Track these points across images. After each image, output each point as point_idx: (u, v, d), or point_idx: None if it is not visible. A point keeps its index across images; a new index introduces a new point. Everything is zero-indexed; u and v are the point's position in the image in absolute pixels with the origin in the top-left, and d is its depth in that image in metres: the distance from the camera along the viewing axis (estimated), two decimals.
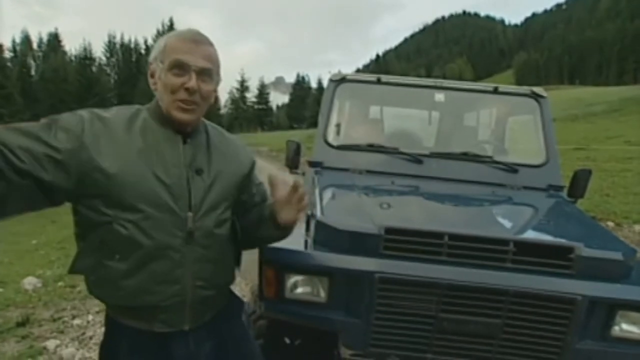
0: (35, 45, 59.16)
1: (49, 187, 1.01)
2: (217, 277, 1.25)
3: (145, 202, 1.08)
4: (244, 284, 3.77)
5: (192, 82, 1.11)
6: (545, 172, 2.51)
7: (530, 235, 1.80)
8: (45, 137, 1.00)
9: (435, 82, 2.88)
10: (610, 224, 6.08)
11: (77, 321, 3.34)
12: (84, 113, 1.11)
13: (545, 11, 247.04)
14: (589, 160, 11.28)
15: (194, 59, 1.12)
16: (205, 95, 1.16)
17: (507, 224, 1.91)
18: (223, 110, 70.68)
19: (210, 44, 1.17)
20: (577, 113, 23.60)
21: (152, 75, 1.18)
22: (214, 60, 1.18)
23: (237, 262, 1.39)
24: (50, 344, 2.97)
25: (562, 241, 1.62)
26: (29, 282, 4.02)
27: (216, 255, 1.23)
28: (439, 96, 2.81)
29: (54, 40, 58.97)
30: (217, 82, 1.22)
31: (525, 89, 2.81)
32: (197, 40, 1.15)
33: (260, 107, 76.72)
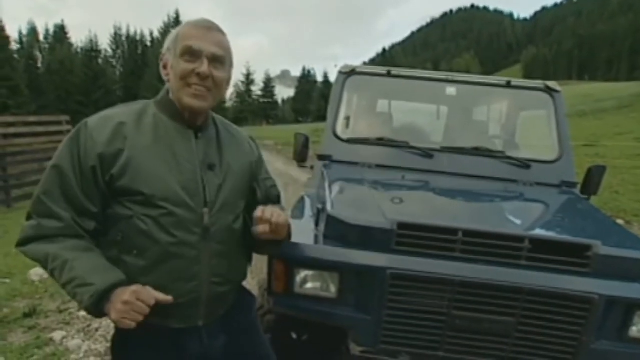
0: (41, 37, 59.29)
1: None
2: (232, 273, 1.25)
3: (165, 200, 1.08)
4: (251, 278, 3.76)
5: (204, 67, 1.10)
6: (559, 168, 2.46)
7: (546, 232, 1.76)
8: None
9: (447, 76, 2.83)
10: (620, 221, 6.00)
11: (83, 313, 3.34)
12: (90, 121, 1.10)
13: (556, 5, 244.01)
14: (598, 157, 11.13)
15: (205, 44, 1.10)
16: (218, 83, 1.14)
17: (521, 220, 1.87)
18: (228, 104, 70.62)
19: (222, 32, 1.16)
20: (585, 109, 23.29)
21: (165, 67, 1.16)
22: (226, 48, 1.16)
23: (249, 257, 1.38)
24: (57, 335, 2.98)
25: (579, 239, 1.58)
26: (36, 273, 4.03)
27: (231, 251, 1.22)
28: (451, 90, 2.76)
29: (60, 32, 58.86)
30: (230, 71, 1.20)
31: (538, 83, 2.76)
32: (209, 27, 1.13)
33: (266, 100, 76.53)
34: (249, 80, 74.57)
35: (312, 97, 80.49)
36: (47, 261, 1.05)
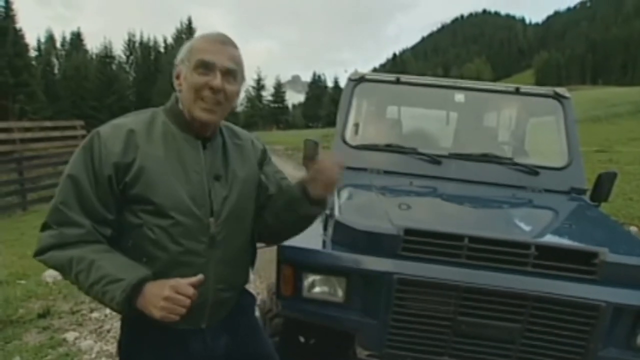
0: (58, 45, 60.60)
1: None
2: (236, 279, 1.28)
3: (174, 210, 1.11)
4: (259, 282, 3.79)
5: (217, 80, 1.12)
6: (568, 174, 2.45)
7: (552, 239, 1.76)
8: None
9: (456, 82, 2.84)
10: (634, 228, 5.89)
11: (95, 314, 3.41)
12: (102, 131, 1.12)
13: (569, 9, 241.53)
14: (612, 162, 10.96)
15: (219, 58, 1.13)
16: (229, 96, 1.16)
17: (528, 227, 1.87)
18: (239, 109, 71.06)
19: (236, 46, 1.19)
20: (599, 114, 22.92)
21: (178, 77, 1.18)
22: (239, 62, 1.18)
23: (252, 262, 1.41)
24: (70, 335, 3.04)
25: (585, 246, 1.58)
26: (50, 274, 4.12)
27: (236, 257, 1.25)
28: (459, 96, 2.77)
29: (76, 39, 60.03)
30: (241, 84, 1.22)
31: (547, 89, 2.75)
32: (223, 41, 1.16)
33: (276, 105, 76.80)
34: (259, 85, 75.00)
35: (323, 102, 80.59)
36: (71, 265, 1.05)
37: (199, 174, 1.16)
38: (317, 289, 1.62)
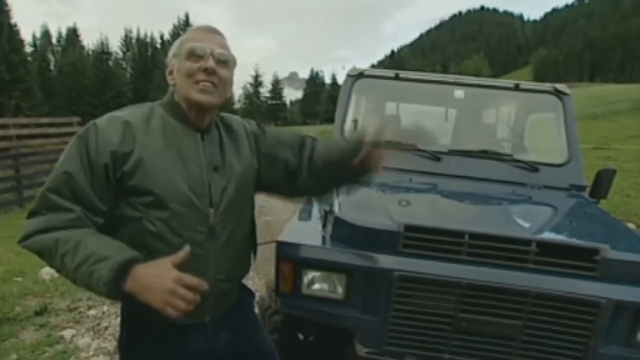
0: (54, 40, 60.23)
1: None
2: (236, 270, 1.28)
3: (174, 201, 1.10)
4: (258, 279, 3.78)
5: (210, 62, 1.14)
6: (567, 171, 2.45)
7: (553, 235, 1.75)
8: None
9: (455, 79, 2.83)
10: (632, 225, 5.91)
11: (92, 312, 3.39)
12: (99, 122, 1.12)
13: (567, 6, 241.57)
14: (610, 160, 10.99)
15: (209, 45, 1.16)
16: (223, 79, 1.18)
17: (529, 223, 1.87)
18: (237, 105, 70.85)
19: (223, 35, 1.23)
20: (597, 111, 22.96)
21: (171, 72, 1.21)
22: (228, 49, 1.21)
23: (253, 254, 1.40)
24: (67, 333, 3.03)
25: (586, 242, 1.58)
26: (47, 272, 4.10)
27: (236, 248, 1.25)
28: (459, 93, 2.75)
29: (72, 35, 59.62)
30: (232, 71, 1.24)
31: (547, 85, 2.75)
32: (211, 30, 1.21)
33: (274, 102, 76.56)
34: (257, 82, 74.77)
35: (320, 99, 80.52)
36: (57, 247, 1.00)
37: (198, 166, 1.17)
38: (316, 286, 1.61)
